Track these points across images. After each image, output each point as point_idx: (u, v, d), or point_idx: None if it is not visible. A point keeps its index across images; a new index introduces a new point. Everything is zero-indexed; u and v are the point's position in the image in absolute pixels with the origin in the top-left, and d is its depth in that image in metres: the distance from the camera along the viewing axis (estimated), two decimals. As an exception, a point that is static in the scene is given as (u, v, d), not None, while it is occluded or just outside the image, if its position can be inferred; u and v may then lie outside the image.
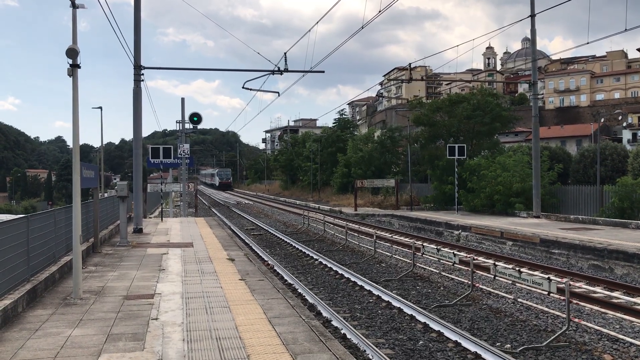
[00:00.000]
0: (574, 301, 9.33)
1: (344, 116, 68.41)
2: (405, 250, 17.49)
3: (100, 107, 47.09)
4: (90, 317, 8.21)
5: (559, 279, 10.71)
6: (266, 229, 28.66)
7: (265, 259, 17.94)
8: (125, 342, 6.93)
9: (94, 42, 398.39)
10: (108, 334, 7.29)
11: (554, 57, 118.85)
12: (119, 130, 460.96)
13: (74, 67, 9.58)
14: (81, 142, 10.33)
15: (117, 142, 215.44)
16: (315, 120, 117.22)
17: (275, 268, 16.07)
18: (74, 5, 9.68)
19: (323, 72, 24.49)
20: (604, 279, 13.78)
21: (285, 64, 21.85)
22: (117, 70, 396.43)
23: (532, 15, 25.16)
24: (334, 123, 66.62)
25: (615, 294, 11.15)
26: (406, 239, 20.10)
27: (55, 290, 10.24)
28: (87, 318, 8.17)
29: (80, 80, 9.84)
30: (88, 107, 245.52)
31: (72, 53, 9.46)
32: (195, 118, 31.49)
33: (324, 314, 10.59)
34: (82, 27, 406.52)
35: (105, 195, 34.23)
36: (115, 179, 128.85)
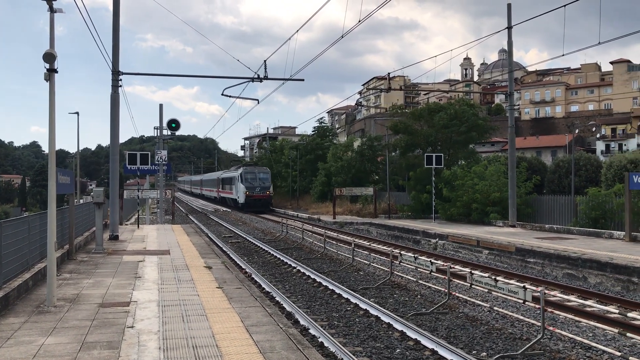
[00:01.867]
0: (549, 310, 9.45)
1: (323, 124, 68.57)
2: (383, 258, 17.55)
3: (77, 113, 46.60)
4: (65, 325, 8.08)
5: (534, 288, 10.84)
6: (244, 236, 28.53)
7: (243, 266, 17.85)
8: (100, 351, 6.83)
9: (71, 47, 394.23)
10: (82, 342, 7.19)
11: (530, 69, 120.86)
12: (95, 136, 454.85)
13: (51, 72, 9.48)
14: (57, 148, 10.21)
15: (93, 148, 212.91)
16: (294, 127, 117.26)
17: (252, 276, 16.00)
18: (52, 10, 9.59)
19: (303, 80, 24.55)
20: (578, 287, 13.98)
21: (265, 71, 21.88)
22: (95, 75, 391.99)
23: (509, 27, 25.55)
24: (313, 131, 66.72)
25: (588, 302, 11.30)
26: (384, 247, 20.16)
27: (28, 297, 10.06)
28: (61, 326, 8.04)
29: (57, 85, 9.74)
30: (64, 112, 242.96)
31: (49, 57, 9.37)
32: (174, 124, 31.29)
33: (302, 322, 10.57)
34: (59, 31, 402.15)
35: (81, 201, 33.80)
36: (91, 185, 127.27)
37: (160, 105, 36.01)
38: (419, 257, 14.17)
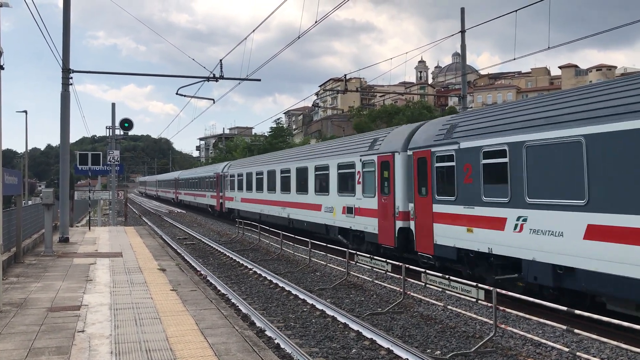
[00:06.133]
0: (501, 308, 9.66)
1: (280, 125, 68.53)
2: (340, 258, 17.62)
3: (25, 111, 45.29)
4: (11, 331, 7.80)
5: (487, 286, 11.06)
6: (199, 238, 28.19)
7: (198, 269, 17.63)
8: (49, 357, 6.62)
9: (19, 44, 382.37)
10: (30, 349, 6.95)
11: (482, 72, 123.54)
12: (45, 136, 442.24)
13: (-4, 68, 9.16)
14: (4, 147, 9.86)
15: (43, 148, 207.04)
16: (251, 128, 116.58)
17: (208, 278, 15.82)
18: (-2, 4, 9.25)
19: (259, 80, 24.48)
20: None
21: (221, 70, 21.70)
22: (45, 73, 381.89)
23: (463, 31, 26.04)
24: (269, 132, 66.57)
25: (538, 300, 11.59)
26: (340, 247, 20.22)
27: (-28, 303, 9.67)
28: (6, 332, 7.76)
29: (4, 82, 9.41)
30: (12, 111, 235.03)
31: (-5, 53, 9.04)
32: (127, 124, 30.68)
33: (258, 323, 10.51)
34: (5, 27, 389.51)
35: (30, 202, 32.79)
36: (40, 186, 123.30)
37: (113, 105, 35.20)
38: (375, 257, 14.29)
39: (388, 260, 13.73)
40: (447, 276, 11.16)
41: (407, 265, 12.55)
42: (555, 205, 10.26)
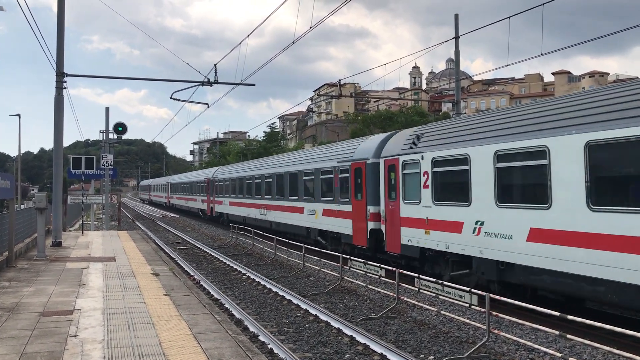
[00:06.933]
0: (494, 313, 9.68)
1: (274, 129, 68.64)
2: (334, 263, 17.62)
3: (19, 115, 45.10)
4: (2, 336, 7.76)
5: (480, 292, 11.08)
6: (193, 242, 28.12)
7: (192, 273, 17.59)
8: (41, 361, 6.59)
9: (12, 47, 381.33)
10: (22, 353, 6.92)
11: (476, 78, 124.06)
12: (38, 139, 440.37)
13: (-10, 72, 9.12)
14: (-4, 151, 9.83)
15: (36, 152, 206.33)
16: (245, 132, 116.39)
17: (201, 283, 15.78)
18: (-8, 7, 9.24)
19: (254, 85, 24.64)
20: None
21: (216, 75, 21.73)
22: (38, 76, 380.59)
23: (456, 37, 26.15)
24: (264, 136, 66.66)
25: (531, 305, 11.62)
26: (334, 252, 20.22)
27: (-37, 307, 9.62)
28: (-2, 336, 7.72)
29: (-3, 86, 9.38)
30: (5, 114, 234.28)
31: (-12, 57, 9.01)
32: (120, 128, 30.63)
33: (251, 328, 10.50)
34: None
35: (22, 206, 32.67)
36: (33, 189, 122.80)
37: (107, 109, 35.10)
38: (368, 262, 14.31)
39: (382, 265, 13.74)
40: (440, 281, 11.18)
41: (400, 270, 12.56)
42: None
